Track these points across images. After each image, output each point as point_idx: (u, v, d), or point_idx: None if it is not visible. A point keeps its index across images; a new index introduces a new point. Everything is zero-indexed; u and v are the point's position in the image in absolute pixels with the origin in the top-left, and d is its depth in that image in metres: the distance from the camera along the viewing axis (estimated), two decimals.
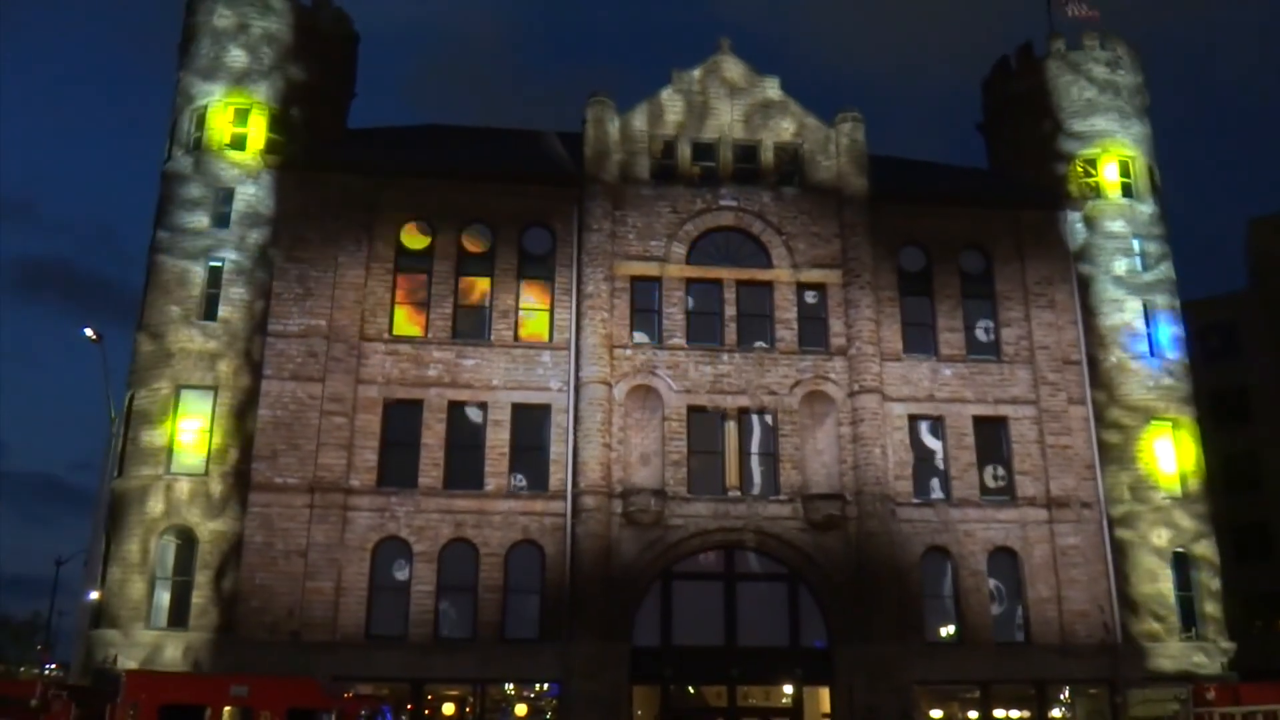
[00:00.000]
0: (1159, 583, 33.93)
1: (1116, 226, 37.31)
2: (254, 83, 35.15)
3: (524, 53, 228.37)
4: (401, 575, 31.73)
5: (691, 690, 33.29)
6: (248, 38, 35.54)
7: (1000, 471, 34.79)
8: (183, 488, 31.40)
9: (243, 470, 31.87)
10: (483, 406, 33.28)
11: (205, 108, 34.94)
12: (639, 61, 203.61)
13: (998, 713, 33.03)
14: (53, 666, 69.23)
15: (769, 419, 34.06)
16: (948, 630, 33.43)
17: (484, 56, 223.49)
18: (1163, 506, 34.54)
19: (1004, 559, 33.91)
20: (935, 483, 34.42)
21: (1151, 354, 36.17)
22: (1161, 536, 34.28)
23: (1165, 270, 37.49)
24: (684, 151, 36.47)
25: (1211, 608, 34.30)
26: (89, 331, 36.16)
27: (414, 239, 34.87)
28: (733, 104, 37.09)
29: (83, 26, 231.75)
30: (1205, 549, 34.79)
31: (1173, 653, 33.27)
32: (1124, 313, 36.39)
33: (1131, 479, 34.78)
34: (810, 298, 35.35)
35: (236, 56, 35.34)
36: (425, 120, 42.62)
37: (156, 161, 36.04)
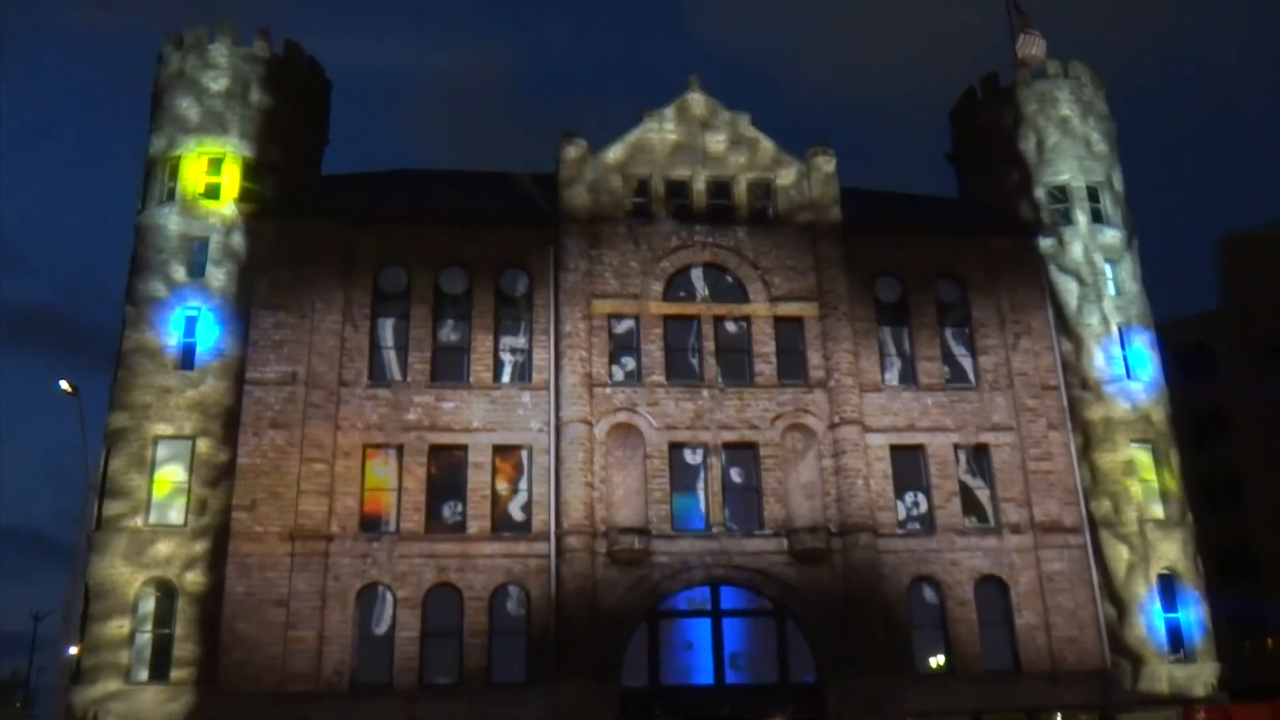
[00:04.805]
0: (1145, 605, 33.90)
1: (1088, 251, 37.62)
2: (227, 132, 35.20)
3: (503, 93, 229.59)
4: (385, 622, 31.42)
5: None
6: (219, 87, 35.63)
7: (984, 499, 34.82)
8: (161, 539, 31.13)
9: (222, 520, 31.59)
10: (463, 449, 33.16)
11: (178, 157, 34.96)
12: (623, 98, 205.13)
13: None
14: None
15: (751, 453, 34.02)
16: (937, 660, 33.27)
17: (462, 99, 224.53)
18: (1146, 529, 34.57)
19: (991, 587, 33.82)
20: (919, 512, 34.40)
21: (1128, 377, 36.37)
22: (1146, 559, 34.28)
23: (1138, 293, 37.82)
24: (657, 189, 36.59)
25: (1198, 628, 34.29)
26: (64, 384, 35.82)
27: (390, 283, 34.81)
28: (705, 140, 37.28)
29: (71, 71, 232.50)
30: (1190, 570, 34.81)
31: (1162, 675, 33.18)
32: (1099, 337, 36.62)
33: (1114, 502, 34.85)
34: (788, 330, 35.44)
35: (209, 106, 35.42)
36: (401, 165, 42.60)
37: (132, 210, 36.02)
